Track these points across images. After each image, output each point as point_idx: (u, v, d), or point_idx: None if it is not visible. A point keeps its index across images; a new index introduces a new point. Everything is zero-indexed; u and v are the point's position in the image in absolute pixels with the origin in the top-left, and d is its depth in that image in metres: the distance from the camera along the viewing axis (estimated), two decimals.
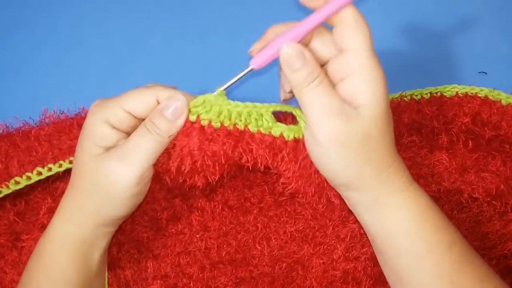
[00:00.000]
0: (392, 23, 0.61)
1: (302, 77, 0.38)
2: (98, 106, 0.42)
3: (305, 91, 0.39)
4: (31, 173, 0.50)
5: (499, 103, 0.53)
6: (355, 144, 0.38)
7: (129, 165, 0.40)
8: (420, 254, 0.40)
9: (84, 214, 0.43)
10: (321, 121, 0.38)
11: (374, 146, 0.39)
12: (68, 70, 0.61)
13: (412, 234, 0.40)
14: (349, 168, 0.39)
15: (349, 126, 0.38)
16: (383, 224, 0.41)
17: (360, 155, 0.39)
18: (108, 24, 0.62)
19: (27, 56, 0.61)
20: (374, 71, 0.38)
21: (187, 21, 0.62)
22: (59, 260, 0.43)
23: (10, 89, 0.60)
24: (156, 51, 0.61)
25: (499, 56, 0.60)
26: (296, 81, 0.39)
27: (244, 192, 0.53)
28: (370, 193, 0.40)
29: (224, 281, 0.50)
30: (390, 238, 0.41)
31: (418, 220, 0.40)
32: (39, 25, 0.62)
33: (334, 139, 0.38)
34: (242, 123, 0.42)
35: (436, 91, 0.55)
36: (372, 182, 0.40)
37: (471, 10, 0.62)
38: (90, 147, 0.41)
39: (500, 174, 0.51)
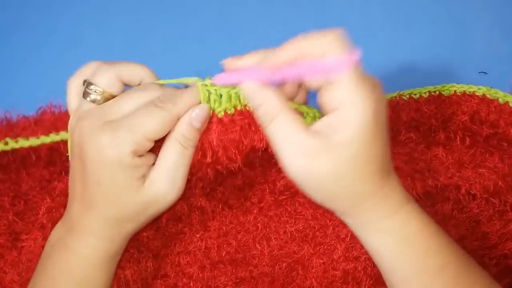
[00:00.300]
0: (391, 23, 0.61)
1: (262, 115, 0.39)
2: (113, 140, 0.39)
3: (268, 129, 0.39)
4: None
5: (496, 102, 0.53)
6: (327, 182, 0.37)
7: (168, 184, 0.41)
8: (408, 278, 0.39)
9: (106, 226, 0.42)
10: (289, 159, 0.38)
11: (350, 182, 0.38)
12: (68, 70, 0.61)
13: (397, 260, 0.40)
14: (326, 201, 0.39)
15: (318, 165, 0.37)
16: (372, 245, 0.41)
17: (334, 191, 0.38)
18: (108, 24, 0.62)
19: (27, 56, 0.61)
20: (359, 103, 0.36)
21: (187, 22, 0.62)
22: (96, 276, 0.43)
23: (10, 89, 0.60)
24: (156, 51, 0.61)
25: (499, 56, 0.60)
26: (258, 117, 0.39)
27: (245, 191, 0.53)
28: (352, 219, 0.41)
29: (224, 281, 0.50)
30: (379, 257, 0.41)
31: (404, 247, 0.39)
32: (39, 25, 0.62)
33: (302, 177, 0.38)
34: None
35: (434, 90, 0.55)
36: (351, 211, 0.40)
37: (471, 10, 0.62)
38: (127, 182, 0.40)
39: (497, 171, 0.51)
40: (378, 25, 0.61)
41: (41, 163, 0.54)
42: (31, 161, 0.54)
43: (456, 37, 0.61)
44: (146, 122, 0.39)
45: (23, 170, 0.54)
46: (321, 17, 0.61)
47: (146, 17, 0.63)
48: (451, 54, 0.60)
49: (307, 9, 0.62)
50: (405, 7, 0.62)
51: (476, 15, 0.61)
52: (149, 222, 0.44)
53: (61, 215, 0.51)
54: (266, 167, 0.54)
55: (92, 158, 0.40)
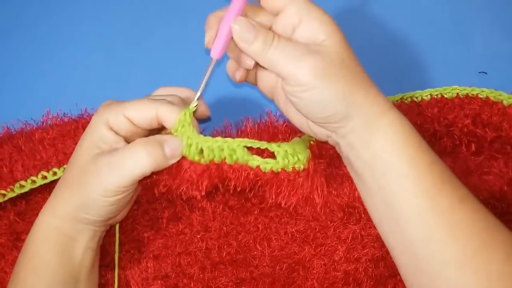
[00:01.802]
0: (391, 23, 0.61)
1: (261, 43, 0.41)
2: (104, 107, 0.44)
3: (270, 52, 0.41)
4: (36, 177, 0.50)
5: (500, 104, 0.53)
6: (336, 71, 0.40)
7: (114, 177, 0.41)
8: (404, 172, 0.41)
9: (65, 207, 0.43)
10: (298, 66, 0.40)
11: (352, 69, 0.41)
12: (68, 70, 0.61)
13: (397, 152, 0.41)
14: (338, 95, 0.40)
15: (324, 58, 0.40)
16: (374, 149, 0.42)
17: (344, 79, 0.40)
18: (108, 24, 0.62)
19: (26, 56, 0.61)
20: (316, 9, 0.41)
21: (187, 21, 0.62)
22: (43, 251, 0.44)
23: (9, 89, 0.60)
24: (156, 51, 0.61)
25: (499, 56, 0.60)
26: (258, 49, 0.41)
27: (245, 192, 0.53)
28: (363, 116, 0.41)
29: (225, 282, 0.50)
30: (378, 160, 0.42)
31: (402, 139, 0.41)
32: (39, 25, 0.62)
33: (316, 74, 0.40)
34: (218, 159, 0.43)
35: (436, 92, 0.54)
36: (362, 102, 0.41)
37: (471, 10, 0.61)
38: (88, 144, 0.43)
39: (503, 176, 0.51)
40: (377, 25, 0.61)
41: None
42: None
43: (456, 37, 0.61)
44: (129, 103, 0.43)
45: None
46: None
47: (146, 17, 0.62)
48: (451, 54, 0.60)
49: None
50: (405, 7, 0.62)
51: (476, 15, 0.61)
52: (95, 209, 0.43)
53: None
54: None
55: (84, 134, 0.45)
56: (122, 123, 0.43)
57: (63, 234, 0.44)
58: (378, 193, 0.42)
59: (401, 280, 0.49)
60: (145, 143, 0.42)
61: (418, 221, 0.40)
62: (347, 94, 0.40)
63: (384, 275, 0.50)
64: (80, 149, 0.44)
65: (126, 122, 0.43)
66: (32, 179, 0.50)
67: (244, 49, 0.42)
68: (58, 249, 0.44)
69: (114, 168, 0.41)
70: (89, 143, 0.43)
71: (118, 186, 0.42)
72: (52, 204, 0.45)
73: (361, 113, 0.41)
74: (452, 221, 0.40)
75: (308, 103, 0.41)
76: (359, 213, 0.50)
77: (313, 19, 0.41)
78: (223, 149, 0.43)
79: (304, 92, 0.40)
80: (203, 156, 0.43)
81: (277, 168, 0.44)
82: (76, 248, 0.44)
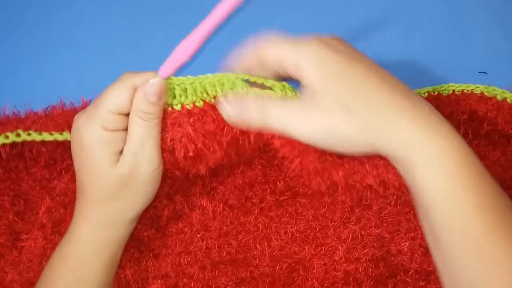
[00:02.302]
0: (391, 23, 0.61)
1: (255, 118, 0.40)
2: (85, 121, 0.41)
3: (268, 123, 0.39)
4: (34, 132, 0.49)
5: (494, 99, 0.53)
6: (339, 123, 0.37)
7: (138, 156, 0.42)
8: (448, 217, 0.36)
9: (115, 216, 0.44)
10: (299, 129, 0.38)
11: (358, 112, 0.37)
12: (68, 70, 0.61)
13: (440, 197, 0.36)
14: (355, 145, 0.38)
15: (320, 110, 0.37)
16: (415, 179, 0.37)
17: (352, 128, 0.37)
18: (108, 24, 0.62)
19: (26, 56, 0.61)
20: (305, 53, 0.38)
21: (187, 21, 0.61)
22: (91, 262, 0.44)
23: (9, 89, 0.60)
24: (156, 51, 0.61)
25: (499, 56, 0.60)
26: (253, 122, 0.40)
27: (245, 191, 0.53)
28: (391, 151, 0.37)
29: (225, 281, 0.50)
30: (423, 195, 0.37)
31: (442, 181, 0.36)
32: (39, 25, 0.62)
33: (324, 135, 0.38)
34: (221, 94, 0.42)
35: (433, 90, 0.55)
36: (384, 136, 0.37)
37: (471, 10, 0.61)
38: (103, 157, 0.42)
39: (501, 164, 0.51)
40: (377, 25, 0.61)
41: (42, 162, 0.54)
42: (32, 160, 0.54)
43: (456, 37, 0.61)
44: (107, 96, 0.41)
45: (24, 169, 0.54)
46: (321, 17, 0.61)
47: (147, 17, 0.62)
48: (451, 54, 0.60)
49: (307, 9, 0.62)
50: (405, 7, 0.62)
51: (476, 15, 0.61)
52: (139, 200, 0.44)
53: (61, 214, 0.51)
54: (266, 166, 0.54)
55: (76, 144, 0.42)
56: (114, 119, 0.41)
57: (115, 242, 0.45)
58: (428, 225, 0.39)
59: (401, 280, 0.50)
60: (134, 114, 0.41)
61: (465, 266, 0.36)
62: (362, 132, 0.37)
63: (384, 275, 0.50)
64: (92, 166, 0.42)
65: (116, 116, 0.41)
66: (29, 132, 0.49)
67: (251, 126, 0.41)
68: (108, 259, 0.45)
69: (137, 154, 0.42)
70: (101, 156, 0.41)
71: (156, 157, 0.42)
72: (97, 218, 0.44)
73: (387, 147, 0.37)
74: (503, 270, 0.35)
75: (328, 148, 0.39)
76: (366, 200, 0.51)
77: (304, 70, 0.38)
78: (223, 83, 0.42)
79: (319, 144, 0.39)
80: (209, 94, 0.42)
81: None
82: (119, 253, 0.46)
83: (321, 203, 0.52)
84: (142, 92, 0.40)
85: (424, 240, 0.50)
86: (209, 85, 0.42)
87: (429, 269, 0.50)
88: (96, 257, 0.44)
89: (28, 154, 0.54)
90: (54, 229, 0.51)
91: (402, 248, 0.51)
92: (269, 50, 0.40)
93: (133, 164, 0.42)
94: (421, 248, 0.50)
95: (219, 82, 0.42)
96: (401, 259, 0.50)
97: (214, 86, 0.42)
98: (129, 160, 0.41)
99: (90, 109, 0.42)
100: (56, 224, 0.51)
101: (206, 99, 0.42)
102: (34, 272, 0.50)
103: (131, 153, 0.41)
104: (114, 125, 0.41)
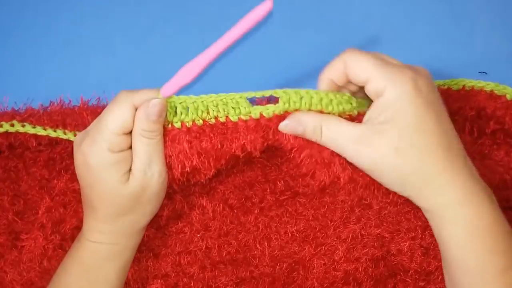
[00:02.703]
0: (391, 23, 0.61)
1: (311, 135, 0.41)
2: (90, 146, 0.42)
3: (323, 141, 0.41)
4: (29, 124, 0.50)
5: (504, 98, 0.53)
6: (389, 161, 0.39)
7: (147, 172, 0.43)
8: (471, 273, 0.39)
9: (128, 227, 0.46)
10: (351, 152, 0.40)
11: (411, 158, 0.38)
12: (68, 70, 0.61)
13: (465, 251, 0.39)
14: (397, 184, 0.40)
15: (376, 147, 0.38)
16: (440, 233, 0.40)
17: (399, 170, 0.39)
18: (108, 24, 0.62)
19: (26, 56, 0.61)
20: (395, 81, 0.38)
21: (187, 22, 0.62)
22: (104, 266, 0.46)
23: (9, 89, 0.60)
24: (156, 51, 0.61)
25: (500, 56, 0.60)
26: (311, 139, 0.42)
27: (245, 190, 0.53)
28: (425, 204, 0.40)
29: (225, 281, 0.50)
30: (446, 248, 0.40)
31: (472, 239, 0.39)
32: (39, 25, 0.62)
33: (369, 165, 0.39)
34: (222, 115, 0.43)
35: (444, 84, 0.54)
36: (422, 194, 0.39)
37: (471, 10, 0.61)
38: (113, 178, 0.42)
39: (504, 165, 0.51)
40: (378, 25, 0.61)
41: (41, 162, 0.54)
42: (31, 160, 0.54)
43: (456, 37, 0.61)
44: (109, 118, 0.41)
45: (23, 169, 0.54)
46: (321, 17, 0.61)
47: (147, 17, 0.62)
48: (451, 54, 0.60)
49: (307, 9, 0.62)
50: (405, 7, 0.62)
51: (476, 15, 0.61)
52: (150, 210, 0.46)
53: (60, 214, 0.51)
54: (266, 166, 0.54)
55: (82, 167, 0.43)
56: (119, 140, 0.42)
57: (130, 249, 0.47)
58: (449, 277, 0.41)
59: (401, 280, 0.50)
60: (137, 134, 0.42)
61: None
62: (404, 179, 0.39)
63: (384, 275, 0.50)
64: (104, 185, 0.43)
65: (120, 137, 0.42)
66: (23, 124, 0.50)
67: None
68: (121, 264, 0.47)
69: (145, 170, 0.43)
70: (111, 176, 0.42)
71: (160, 172, 0.43)
72: (92, 227, 0.45)
73: (420, 199, 0.40)
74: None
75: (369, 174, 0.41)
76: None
77: (386, 102, 0.38)
78: (227, 103, 0.43)
79: (364, 169, 0.40)
80: (209, 114, 0.43)
81: (280, 111, 0.42)
82: (131, 258, 0.48)
83: (321, 203, 0.52)
84: (144, 113, 0.41)
85: (424, 240, 0.50)
86: (211, 104, 0.43)
87: (429, 269, 0.50)
88: (109, 262, 0.46)
89: (27, 154, 0.54)
90: (54, 228, 0.51)
91: (402, 248, 0.50)
92: (358, 67, 0.40)
93: (143, 181, 0.43)
94: (421, 248, 0.50)
95: (222, 102, 0.43)
96: (401, 259, 0.50)
97: (217, 106, 0.43)
98: (139, 177, 0.42)
99: (93, 132, 0.42)
100: (56, 224, 0.51)
101: (206, 118, 0.43)
102: (35, 272, 0.50)
103: (140, 171, 0.42)
104: (120, 146, 0.42)
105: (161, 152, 0.43)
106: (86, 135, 0.42)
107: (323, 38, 0.60)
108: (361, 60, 0.39)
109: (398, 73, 0.38)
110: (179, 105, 0.43)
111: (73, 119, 0.52)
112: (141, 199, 0.44)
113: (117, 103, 0.41)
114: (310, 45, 0.60)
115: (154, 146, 0.42)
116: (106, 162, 0.41)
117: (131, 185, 0.43)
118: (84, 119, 0.52)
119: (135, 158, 0.42)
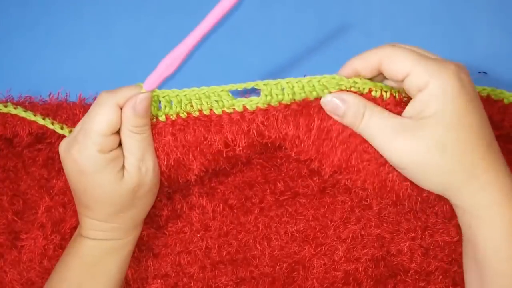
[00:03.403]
0: (391, 23, 0.61)
1: (351, 118, 0.40)
2: (80, 151, 0.41)
3: (361, 127, 0.40)
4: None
5: (501, 102, 0.52)
6: (429, 157, 0.37)
7: (140, 167, 0.43)
8: (504, 275, 0.38)
9: (127, 222, 0.46)
10: (389, 145, 0.38)
11: (452, 153, 0.37)
12: (68, 70, 0.61)
13: (500, 252, 0.38)
14: (436, 183, 0.39)
15: (417, 141, 0.37)
16: (475, 233, 0.39)
17: (439, 166, 0.37)
18: (108, 24, 0.62)
19: (26, 56, 0.61)
20: (441, 74, 0.37)
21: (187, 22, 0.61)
22: (105, 260, 0.46)
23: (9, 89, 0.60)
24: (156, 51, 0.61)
25: (500, 56, 0.60)
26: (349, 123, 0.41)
27: (245, 191, 0.53)
28: (461, 202, 0.39)
29: (225, 281, 0.50)
30: (479, 248, 0.39)
31: (508, 241, 0.38)
32: (39, 25, 0.62)
33: (407, 160, 0.38)
34: (206, 108, 0.43)
35: None
36: (460, 193, 0.38)
37: (471, 10, 0.61)
38: (108, 179, 0.42)
39: None
40: (378, 25, 0.61)
41: (40, 162, 0.54)
42: (30, 160, 0.54)
43: (456, 37, 0.61)
44: (95, 120, 0.41)
45: (22, 169, 0.54)
46: (321, 17, 0.61)
47: (147, 17, 0.62)
48: (451, 54, 0.60)
49: (307, 9, 0.62)
50: (405, 7, 0.62)
51: (476, 15, 0.61)
52: (148, 202, 0.47)
53: (60, 214, 0.51)
54: (266, 166, 0.54)
55: (75, 173, 0.43)
56: (107, 141, 0.41)
57: (131, 243, 0.48)
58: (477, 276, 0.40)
59: (401, 280, 0.50)
60: (125, 130, 0.42)
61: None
62: (444, 176, 0.38)
63: (384, 275, 0.50)
64: (99, 187, 0.43)
65: (108, 138, 0.41)
66: (15, 106, 0.49)
67: (338, 120, 0.41)
68: (123, 258, 0.47)
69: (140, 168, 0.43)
70: (103, 177, 0.42)
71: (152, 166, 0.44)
72: (90, 226, 0.46)
73: (457, 198, 0.39)
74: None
75: (402, 171, 0.40)
76: None
77: (427, 94, 0.37)
78: (209, 96, 0.43)
79: (397, 166, 0.39)
80: (193, 107, 0.43)
81: (263, 104, 0.42)
82: (131, 251, 0.49)
83: (321, 203, 0.52)
84: (131, 109, 0.41)
85: (424, 240, 0.50)
86: (194, 97, 0.43)
87: (429, 269, 0.50)
88: (110, 256, 0.46)
89: (26, 154, 0.54)
90: (53, 228, 0.51)
91: (402, 248, 0.50)
92: (398, 60, 0.38)
93: (139, 176, 0.43)
94: (421, 248, 0.50)
95: (205, 95, 0.43)
96: (401, 259, 0.50)
97: (200, 99, 0.43)
98: (134, 173, 0.43)
99: (81, 137, 0.41)
100: (56, 224, 0.51)
101: (190, 111, 0.43)
102: (35, 272, 0.50)
103: (134, 167, 0.43)
104: (110, 146, 0.42)
105: (152, 145, 0.44)
106: (73, 142, 0.42)
107: (318, 34, 0.60)
108: (400, 53, 0.38)
109: (441, 67, 0.37)
110: (162, 99, 0.43)
111: (64, 112, 0.52)
112: (138, 194, 0.44)
113: (100, 105, 0.41)
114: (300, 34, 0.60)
115: (145, 140, 0.43)
116: (99, 164, 0.41)
117: (127, 182, 0.43)
118: (75, 116, 0.51)
119: (128, 155, 0.43)
